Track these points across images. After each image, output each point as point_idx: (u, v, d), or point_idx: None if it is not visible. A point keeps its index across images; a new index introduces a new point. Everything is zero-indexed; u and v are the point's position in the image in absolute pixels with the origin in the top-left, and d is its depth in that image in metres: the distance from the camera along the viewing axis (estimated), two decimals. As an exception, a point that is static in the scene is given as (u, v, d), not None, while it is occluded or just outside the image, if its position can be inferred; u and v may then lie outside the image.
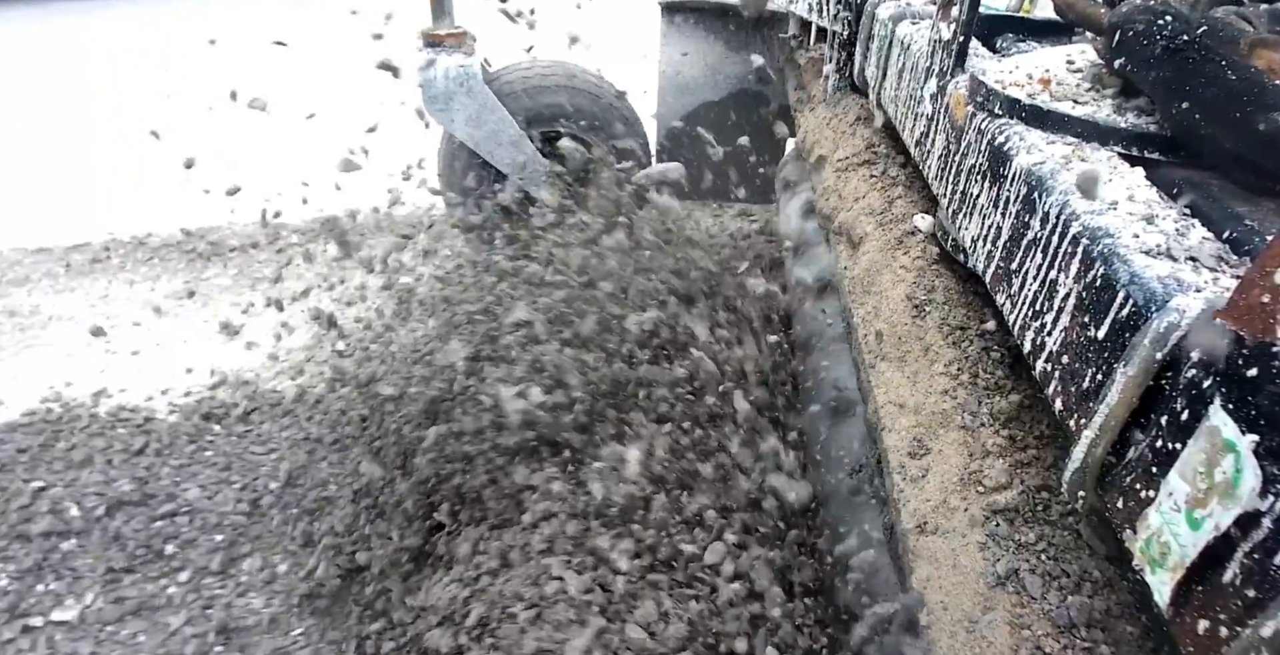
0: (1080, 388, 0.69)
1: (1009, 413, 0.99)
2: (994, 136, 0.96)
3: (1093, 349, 0.68)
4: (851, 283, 1.45)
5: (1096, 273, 0.68)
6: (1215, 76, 0.77)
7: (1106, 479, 0.64)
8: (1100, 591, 0.79)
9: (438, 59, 2.53)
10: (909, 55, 1.36)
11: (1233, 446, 0.48)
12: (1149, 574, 0.55)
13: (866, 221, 1.48)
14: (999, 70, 1.04)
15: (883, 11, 1.59)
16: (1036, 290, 0.81)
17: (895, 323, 1.23)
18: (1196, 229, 0.72)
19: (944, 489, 0.95)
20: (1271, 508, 0.44)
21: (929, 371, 1.10)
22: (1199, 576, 0.50)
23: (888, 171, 1.58)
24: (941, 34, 1.17)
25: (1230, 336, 0.50)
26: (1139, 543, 0.57)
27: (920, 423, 1.06)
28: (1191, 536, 0.51)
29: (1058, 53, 1.07)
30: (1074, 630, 0.76)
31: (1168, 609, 0.53)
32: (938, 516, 0.94)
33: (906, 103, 1.37)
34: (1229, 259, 0.67)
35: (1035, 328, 0.80)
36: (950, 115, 1.12)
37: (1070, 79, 0.99)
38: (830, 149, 1.82)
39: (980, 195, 0.99)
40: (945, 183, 1.14)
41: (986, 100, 1.00)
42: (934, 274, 1.24)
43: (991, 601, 0.81)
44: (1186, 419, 0.53)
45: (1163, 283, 0.62)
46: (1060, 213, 0.77)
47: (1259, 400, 0.47)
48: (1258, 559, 0.45)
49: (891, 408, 1.14)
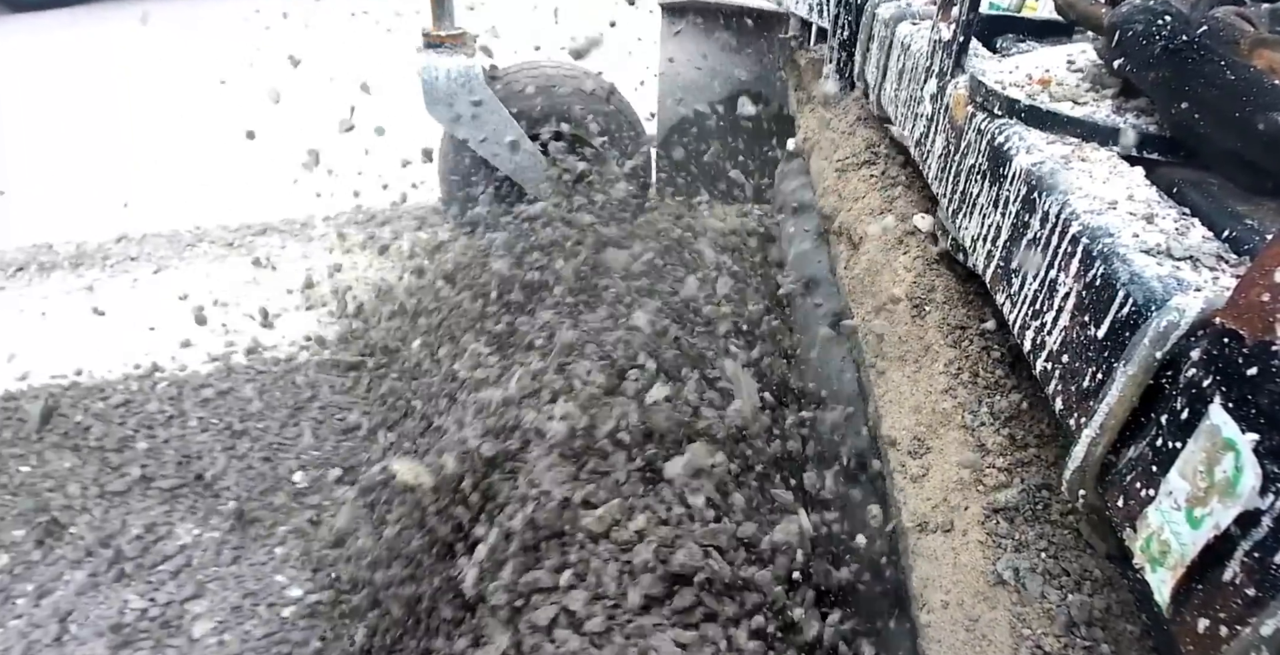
0: (1080, 387, 0.69)
1: (1009, 412, 0.99)
2: (994, 137, 0.96)
3: (1093, 348, 0.68)
4: (852, 282, 1.45)
5: (1096, 272, 0.69)
6: (1215, 76, 0.77)
7: (1107, 478, 0.64)
8: (1100, 590, 0.79)
9: (439, 59, 2.53)
10: (909, 56, 1.36)
11: (1233, 445, 0.48)
12: (1149, 573, 0.56)
13: (866, 221, 1.49)
14: (999, 70, 1.04)
15: (883, 12, 1.59)
16: (1036, 290, 0.81)
17: (895, 322, 1.23)
18: (1196, 228, 0.72)
19: (944, 488, 0.95)
20: (1271, 506, 0.45)
21: (929, 371, 1.10)
22: (1199, 575, 0.50)
23: (888, 171, 1.58)
24: (941, 34, 1.18)
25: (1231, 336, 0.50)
26: (1139, 541, 0.57)
27: (921, 422, 1.06)
28: (1191, 535, 0.51)
29: (1058, 53, 1.07)
30: (1074, 629, 0.76)
31: (1168, 608, 0.53)
32: (938, 515, 0.94)
33: (906, 103, 1.38)
34: (1229, 258, 0.67)
35: (1035, 327, 0.80)
36: (950, 115, 1.12)
37: (1070, 79, 0.99)
38: (830, 149, 1.82)
39: (980, 195, 0.99)
40: (945, 183, 1.15)
41: (986, 100, 1.01)
42: (934, 273, 1.24)
43: (992, 600, 0.82)
44: (1186, 418, 0.54)
45: (1162, 282, 0.63)
46: (1060, 212, 0.77)
47: (1259, 399, 0.47)
48: (1258, 557, 0.45)
49: (892, 407, 1.14)
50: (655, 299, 1.86)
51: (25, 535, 2.01)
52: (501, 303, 2.11)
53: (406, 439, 2.02)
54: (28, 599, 1.85)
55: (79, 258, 3.41)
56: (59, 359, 2.65)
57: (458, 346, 2.02)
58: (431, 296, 2.45)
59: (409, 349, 2.34)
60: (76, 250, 3.47)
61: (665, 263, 2.07)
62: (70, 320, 2.88)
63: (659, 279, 1.99)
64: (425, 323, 2.36)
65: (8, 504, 2.10)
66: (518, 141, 2.67)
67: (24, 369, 2.62)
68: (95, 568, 1.90)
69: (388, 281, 2.84)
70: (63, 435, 2.33)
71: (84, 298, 3.03)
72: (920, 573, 0.93)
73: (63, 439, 2.32)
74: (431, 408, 1.97)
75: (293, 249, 3.34)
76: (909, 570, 0.97)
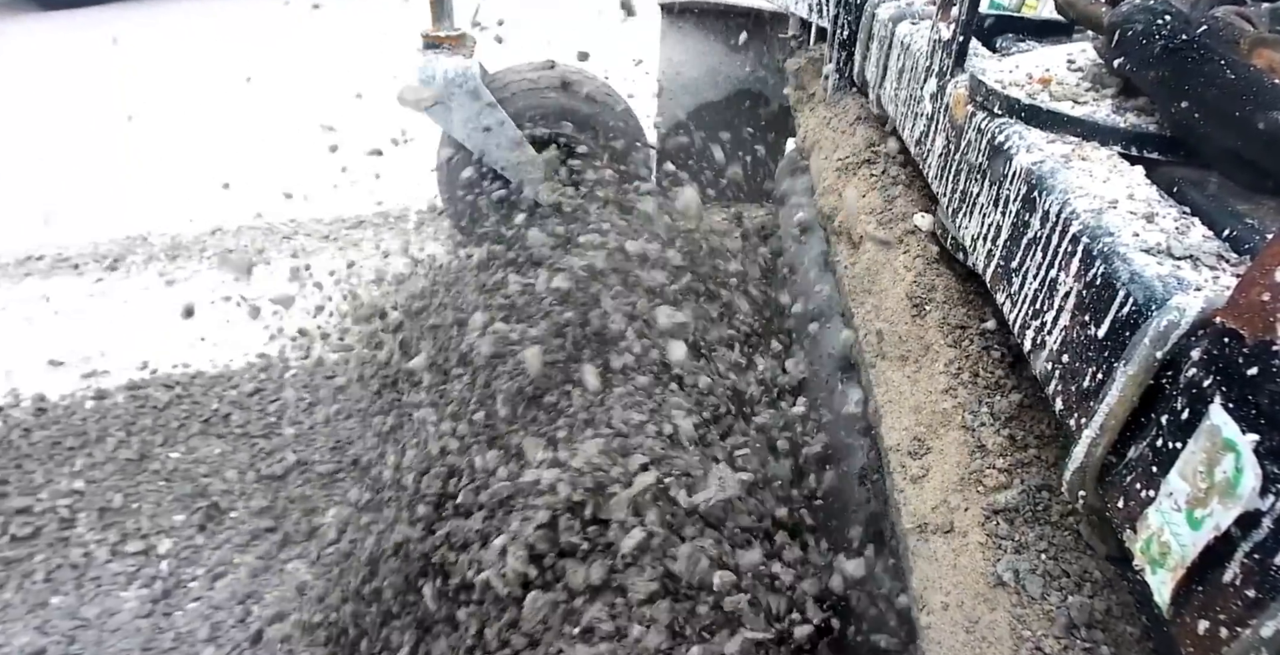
0: (1080, 387, 0.69)
1: (1009, 412, 0.99)
2: (994, 136, 0.95)
3: (1093, 348, 0.68)
4: (851, 282, 1.45)
5: (1097, 271, 0.68)
6: (1215, 76, 0.76)
7: (1107, 478, 0.64)
8: (1101, 591, 0.79)
9: (437, 60, 2.53)
10: (909, 55, 1.36)
11: (1233, 446, 0.47)
12: (1149, 574, 0.55)
13: (866, 221, 1.48)
14: (999, 70, 1.04)
15: (883, 11, 1.59)
16: (1037, 289, 0.80)
17: (895, 322, 1.23)
18: (1196, 227, 0.72)
19: (944, 489, 0.95)
20: (1272, 507, 0.44)
21: (929, 370, 1.10)
22: (1199, 576, 0.50)
23: (888, 171, 1.57)
24: (941, 34, 1.17)
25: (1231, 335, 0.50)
26: (1139, 542, 0.57)
27: (920, 422, 1.06)
28: (1192, 536, 0.51)
29: (1058, 52, 1.07)
30: (1074, 630, 0.76)
31: (1168, 609, 0.53)
32: (938, 516, 0.94)
33: (906, 102, 1.37)
34: (1229, 257, 0.67)
35: (1035, 327, 0.80)
36: (950, 115, 1.11)
37: (1070, 78, 0.99)
38: (830, 148, 1.82)
39: (980, 194, 0.99)
40: (945, 182, 1.14)
41: (986, 100, 1.00)
42: (934, 273, 1.24)
43: (992, 601, 0.81)
44: (1187, 418, 0.53)
45: (1163, 281, 0.62)
46: (1060, 211, 0.77)
47: (1259, 399, 0.47)
48: (1258, 559, 0.45)
49: (892, 407, 1.14)
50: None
51: (186, 519, 2.04)
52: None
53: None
54: (200, 582, 1.89)
55: (174, 249, 3.45)
56: (173, 349, 2.71)
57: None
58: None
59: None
60: (172, 242, 3.50)
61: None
62: (174, 311, 2.90)
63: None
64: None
65: (162, 489, 2.14)
66: (517, 142, 2.67)
67: (141, 359, 2.66)
68: (265, 550, 1.93)
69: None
70: (204, 422, 2.37)
71: (186, 289, 3.08)
72: (920, 574, 0.93)
73: (206, 426, 2.36)
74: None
75: (389, 241, 3.36)
76: (909, 572, 0.97)
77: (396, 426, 2.08)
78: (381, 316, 2.56)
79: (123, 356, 2.70)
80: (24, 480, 2.20)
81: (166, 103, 4.85)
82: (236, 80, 4.84)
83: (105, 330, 2.87)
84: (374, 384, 2.36)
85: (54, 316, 2.99)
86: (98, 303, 3.07)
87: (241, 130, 4.40)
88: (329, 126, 2.94)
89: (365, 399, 2.36)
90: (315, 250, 3.35)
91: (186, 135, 4.41)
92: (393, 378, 2.34)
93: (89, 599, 1.87)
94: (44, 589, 1.90)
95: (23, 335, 2.87)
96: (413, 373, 2.07)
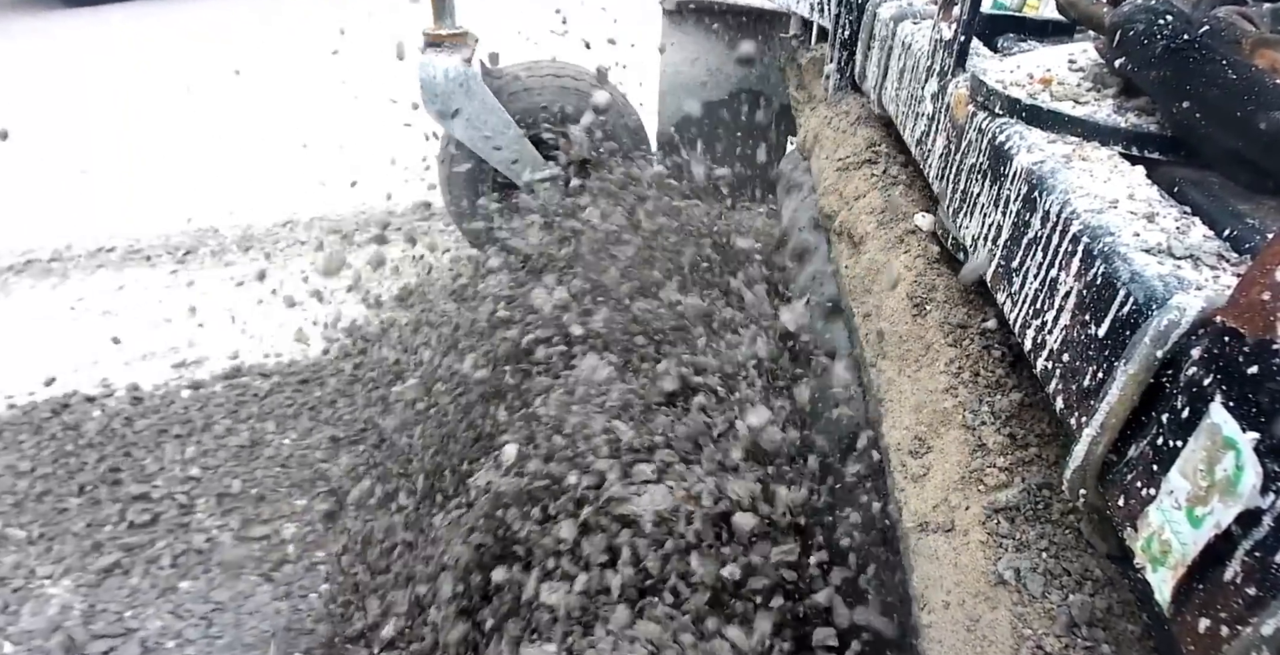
0: (1081, 386, 0.69)
1: (1010, 411, 0.99)
2: (995, 136, 0.96)
3: (1093, 347, 0.68)
4: (852, 282, 1.45)
5: (1097, 271, 0.68)
6: (1216, 76, 0.77)
7: (1107, 477, 0.64)
8: (1101, 590, 0.79)
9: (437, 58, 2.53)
10: (910, 55, 1.36)
11: (1233, 444, 0.48)
12: (1150, 572, 0.55)
13: (867, 221, 1.48)
14: (1000, 70, 1.04)
15: (884, 11, 1.59)
16: (1037, 289, 0.81)
17: (896, 321, 1.23)
18: (1197, 227, 0.72)
19: (945, 487, 0.95)
20: (1272, 505, 0.44)
21: (930, 370, 1.10)
22: (1200, 575, 0.50)
23: (888, 170, 1.58)
24: (942, 34, 1.17)
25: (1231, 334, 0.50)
26: (1140, 541, 0.57)
27: (921, 421, 1.06)
28: (1192, 534, 0.51)
29: (1059, 52, 1.07)
30: (1075, 629, 0.76)
31: (1169, 607, 0.53)
32: (938, 515, 0.94)
33: (907, 102, 1.38)
34: (1229, 257, 0.67)
35: (1036, 326, 0.80)
36: (951, 115, 1.12)
37: (1071, 78, 0.99)
38: (831, 148, 1.82)
39: (981, 194, 0.99)
40: (946, 182, 1.15)
41: (987, 100, 1.01)
42: (935, 273, 1.24)
43: (993, 600, 0.81)
44: (1187, 417, 0.53)
45: (1163, 281, 0.62)
46: (1061, 211, 0.77)
47: (1259, 398, 0.47)
48: (1259, 557, 0.45)
49: (892, 406, 1.14)
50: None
51: (308, 504, 2.04)
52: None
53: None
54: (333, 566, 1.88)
55: (246, 241, 3.45)
56: (261, 339, 2.72)
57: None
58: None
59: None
60: (243, 235, 3.50)
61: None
62: (251, 301, 2.92)
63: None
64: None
65: (279, 475, 2.15)
66: (517, 142, 2.67)
67: (232, 349, 2.66)
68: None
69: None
70: (311, 410, 2.38)
71: (266, 280, 3.06)
72: (921, 573, 0.93)
73: (313, 413, 2.36)
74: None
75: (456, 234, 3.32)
76: (910, 570, 0.97)
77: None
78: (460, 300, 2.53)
79: (210, 346, 2.70)
80: (135, 468, 2.20)
81: (217, 93, 4.83)
82: (292, 72, 4.80)
83: (187, 321, 2.88)
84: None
85: (133, 308, 2.99)
86: (175, 294, 3.08)
87: (305, 121, 4.39)
88: (393, 99, 2.89)
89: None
90: (393, 241, 3.33)
91: (253, 127, 4.41)
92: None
93: (218, 583, 1.87)
94: (171, 574, 1.90)
95: (104, 326, 2.87)
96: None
